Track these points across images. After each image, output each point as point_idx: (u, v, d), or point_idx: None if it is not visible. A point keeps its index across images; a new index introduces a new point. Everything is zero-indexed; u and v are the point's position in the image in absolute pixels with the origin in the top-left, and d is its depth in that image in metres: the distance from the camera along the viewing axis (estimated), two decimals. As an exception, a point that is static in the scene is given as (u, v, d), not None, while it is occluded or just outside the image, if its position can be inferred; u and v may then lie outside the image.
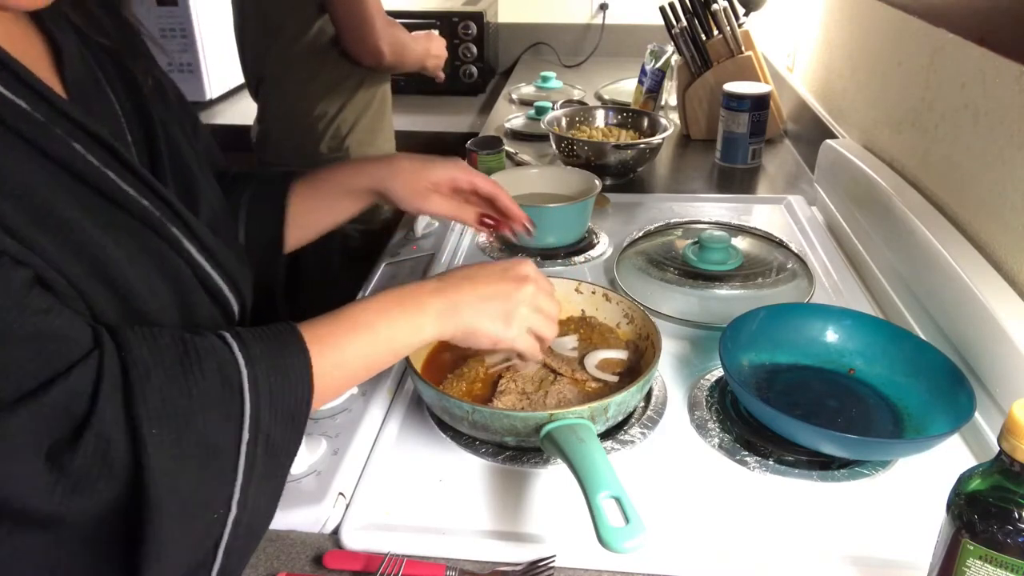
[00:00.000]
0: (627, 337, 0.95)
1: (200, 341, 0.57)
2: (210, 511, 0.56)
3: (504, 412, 0.76)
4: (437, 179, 0.87)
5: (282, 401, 0.59)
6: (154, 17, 2.11)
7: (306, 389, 0.61)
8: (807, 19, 1.81)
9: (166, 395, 0.54)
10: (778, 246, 1.22)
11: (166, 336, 0.57)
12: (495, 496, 0.77)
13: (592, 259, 1.24)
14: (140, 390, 0.53)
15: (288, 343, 0.61)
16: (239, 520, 0.57)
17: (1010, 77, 0.91)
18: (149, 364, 0.54)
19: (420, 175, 0.88)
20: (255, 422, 0.57)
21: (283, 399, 0.59)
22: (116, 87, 0.70)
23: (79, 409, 0.51)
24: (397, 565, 0.68)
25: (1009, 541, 0.52)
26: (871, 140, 1.37)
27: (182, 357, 0.56)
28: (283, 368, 0.59)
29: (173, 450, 0.53)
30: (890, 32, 1.30)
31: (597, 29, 2.64)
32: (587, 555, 0.69)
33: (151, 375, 0.54)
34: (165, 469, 0.52)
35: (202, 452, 0.55)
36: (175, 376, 0.55)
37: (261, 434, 0.57)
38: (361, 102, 1.67)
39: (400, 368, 0.95)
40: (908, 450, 0.79)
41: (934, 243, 0.97)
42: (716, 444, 0.83)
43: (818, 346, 0.93)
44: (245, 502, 0.57)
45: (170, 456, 0.53)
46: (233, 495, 0.57)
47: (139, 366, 0.54)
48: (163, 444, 0.53)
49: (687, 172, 1.69)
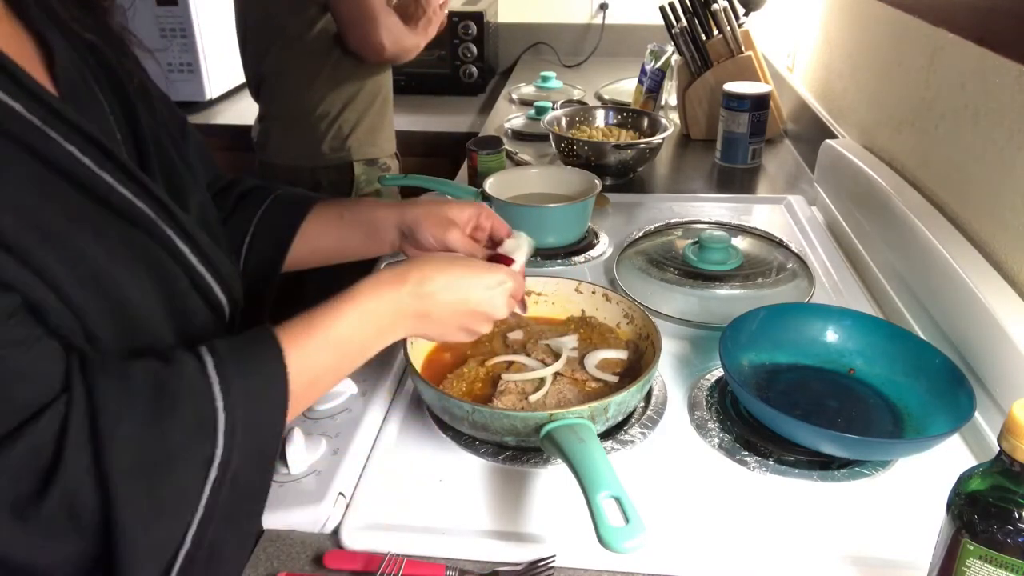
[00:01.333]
0: (627, 337, 0.95)
1: (176, 380, 0.55)
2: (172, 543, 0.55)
3: (504, 412, 0.76)
4: (460, 217, 0.88)
5: (254, 441, 0.58)
6: (154, 17, 2.11)
7: (279, 425, 0.60)
8: (807, 19, 1.81)
9: (137, 447, 0.52)
10: (778, 246, 1.22)
11: (138, 375, 0.55)
12: (495, 496, 0.77)
13: (592, 259, 1.24)
14: (109, 442, 0.51)
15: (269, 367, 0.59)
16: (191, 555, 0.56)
17: (1010, 77, 0.91)
18: (120, 413, 0.52)
19: (443, 210, 0.88)
20: (225, 464, 0.56)
21: (255, 438, 0.58)
22: (103, 85, 0.69)
23: (43, 462, 0.50)
24: (397, 565, 0.68)
25: (1009, 541, 0.52)
26: (871, 140, 1.37)
27: (155, 401, 0.54)
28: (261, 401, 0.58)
29: (144, 502, 0.52)
30: (890, 32, 1.30)
31: (597, 29, 2.64)
32: (587, 555, 0.69)
33: (121, 425, 0.52)
34: (135, 521, 0.52)
35: (173, 501, 0.54)
36: (148, 425, 0.53)
37: (229, 474, 0.56)
38: (363, 102, 1.67)
39: (400, 368, 0.95)
40: (908, 450, 0.79)
41: (934, 243, 0.97)
42: (716, 444, 0.83)
43: (818, 346, 0.93)
44: (202, 539, 0.56)
45: (140, 509, 0.52)
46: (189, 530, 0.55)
47: (108, 415, 0.52)
48: (134, 498, 0.52)
49: (687, 172, 1.69)
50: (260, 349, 0.60)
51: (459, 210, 0.88)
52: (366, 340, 0.68)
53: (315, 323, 0.65)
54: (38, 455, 0.50)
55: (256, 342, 0.61)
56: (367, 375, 0.91)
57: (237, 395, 0.56)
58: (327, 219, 0.90)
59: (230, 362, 0.57)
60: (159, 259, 0.64)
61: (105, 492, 0.51)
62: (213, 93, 2.24)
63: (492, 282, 0.75)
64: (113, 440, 0.51)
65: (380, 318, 0.68)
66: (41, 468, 0.50)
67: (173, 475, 0.53)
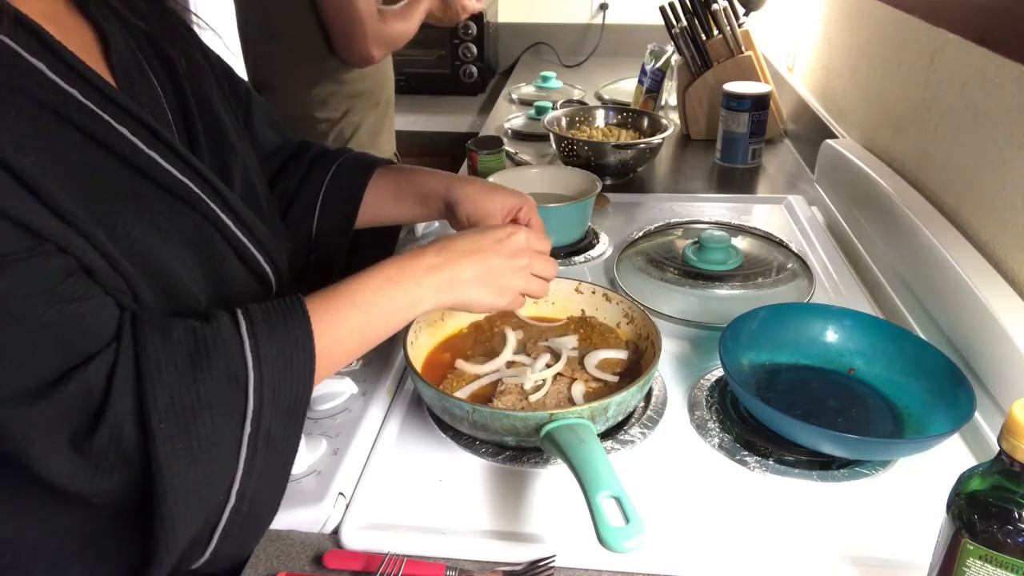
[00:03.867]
0: (627, 337, 0.95)
1: (212, 335, 0.60)
2: (212, 498, 0.61)
3: (504, 412, 0.76)
4: (503, 203, 0.91)
5: (284, 397, 0.62)
6: (154, 17, 2.11)
7: (307, 384, 0.64)
8: (807, 19, 1.81)
9: (175, 392, 0.57)
10: (778, 246, 1.22)
11: (180, 329, 0.60)
12: (495, 496, 0.77)
13: (592, 259, 1.24)
14: (151, 386, 0.56)
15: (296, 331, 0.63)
16: (237, 508, 0.62)
17: (1010, 77, 0.91)
18: (161, 361, 0.58)
19: (489, 194, 0.92)
20: (257, 418, 0.60)
21: (285, 395, 0.62)
22: (156, 68, 0.73)
23: (94, 401, 0.55)
24: (397, 565, 0.68)
25: (1009, 541, 0.52)
26: (871, 140, 1.37)
27: (192, 353, 0.59)
28: (288, 360, 0.62)
29: (180, 443, 0.57)
30: (890, 32, 1.30)
31: (597, 29, 2.64)
32: (587, 555, 0.69)
33: (162, 372, 0.57)
34: (172, 460, 0.56)
35: (206, 445, 0.58)
36: (185, 373, 0.58)
37: (262, 429, 0.61)
38: (365, 106, 1.66)
39: (400, 368, 0.95)
40: (908, 450, 0.79)
41: (934, 243, 0.97)
42: (716, 444, 0.83)
43: (818, 346, 0.93)
44: (244, 493, 0.62)
45: (177, 448, 0.57)
46: (233, 485, 0.61)
47: (151, 362, 0.57)
48: (170, 437, 0.56)
49: (687, 172, 1.69)
50: (288, 312, 0.64)
51: (502, 201, 0.91)
52: (390, 306, 0.71)
53: (340, 289, 0.70)
54: (90, 395, 0.55)
55: (285, 306, 0.65)
56: (367, 375, 0.91)
57: (266, 352, 0.61)
58: (386, 187, 0.96)
59: (260, 323, 0.62)
60: (205, 232, 0.69)
61: (145, 431, 0.56)
62: (213, 93, 2.24)
63: (502, 234, 0.79)
64: (155, 384, 0.56)
65: (402, 286, 0.72)
66: (92, 407, 0.55)
67: (207, 422, 0.58)
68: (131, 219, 0.61)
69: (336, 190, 0.95)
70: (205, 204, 0.69)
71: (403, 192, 0.96)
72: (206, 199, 0.69)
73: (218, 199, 0.70)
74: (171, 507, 0.57)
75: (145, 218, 0.63)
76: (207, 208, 0.69)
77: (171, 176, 0.66)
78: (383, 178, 0.97)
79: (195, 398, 0.57)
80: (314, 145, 1.00)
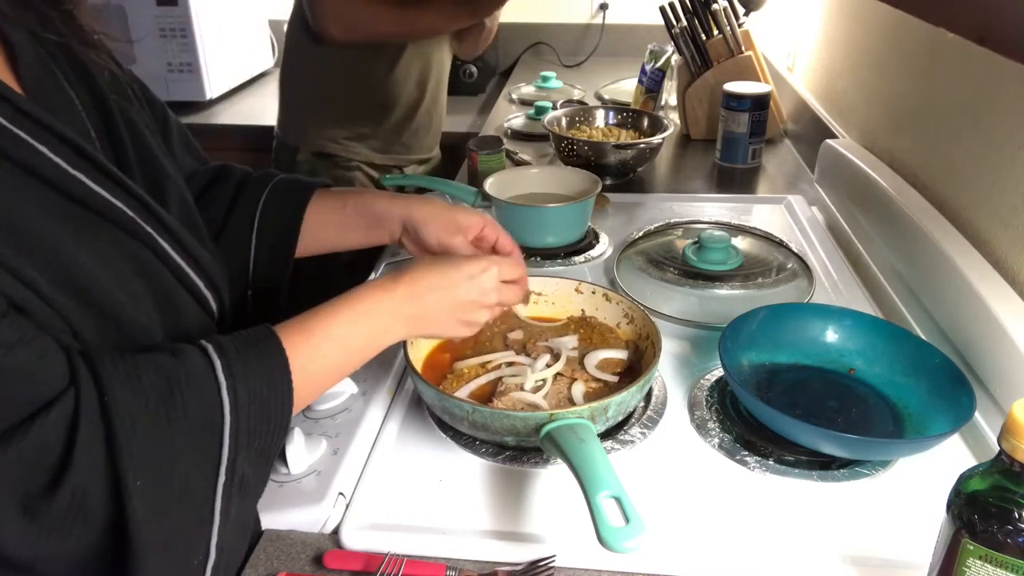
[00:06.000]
0: (627, 337, 0.95)
1: (185, 376, 0.55)
2: (192, 555, 0.56)
3: (504, 412, 0.76)
4: (468, 223, 0.88)
5: (259, 442, 0.59)
6: (153, 17, 2.11)
7: (284, 425, 0.60)
8: (807, 19, 1.81)
9: (150, 444, 0.52)
10: (778, 246, 1.22)
11: (150, 371, 0.54)
12: (495, 496, 0.77)
13: (592, 259, 1.24)
14: (126, 442, 0.51)
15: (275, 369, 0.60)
16: (218, 564, 0.57)
17: (1010, 77, 0.91)
18: (135, 413, 0.52)
19: (452, 214, 0.88)
20: (232, 465, 0.56)
21: (261, 439, 0.59)
22: (72, 81, 0.67)
23: (52, 459, 0.50)
24: (397, 565, 0.68)
25: (1009, 541, 0.52)
26: (871, 140, 1.37)
27: (166, 397, 0.54)
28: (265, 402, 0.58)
29: (155, 498, 0.52)
30: (890, 32, 1.30)
31: (597, 29, 2.64)
32: (587, 555, 0.69)
33: (136, 426, 0.52)
34: (147, 517, 0.52)
35: (182, 497, 0.54)
36: (159, 421, 0.53)
37: (236, 475, 0.57)
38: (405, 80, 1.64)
39: (400, 368, 0.95)
40: (908, 450, 0.79)
41: (934, 243, 0.97)
42: (716, 444, 0.83)
43: (818, 346, 0.93)
44: (222, 545, 0.57)
45: (151, 504, 0.52)
46: (211, 538, 0.56)
47: (124, 416, 0.52)
48: (146, 494, 0.52)
49: (687, 172, 1.69)
50: (263, 347, 0.60)
51: (467, 217, 0.88)
52: (364, 340, 0.69)
53: (314, 324, 0.66)
54: (48, 451, 0.49)
55: (258, 341, 0.61)
56: (367, 375, 0.91)
57: (243, 395, 0.57)
58: (328, 209, 0.90)
59: (237, 362, 0.58)
60: (142, 257, 0.63)
61: (118, 488, 0.51)
62: (213, 93, 2.24)
63: (475, 270, 0.76)
64: (130, 439, 0.51)
65: (377, 320, 0.70)
66: (51, 464, 0.49)
67: (181, 472, 0.54)
68: (66, 249, 0.55)
69: (272, 216, 0.87)
70: (141, 228, 0.62)
71: (348, 215, 0.89)
72: (141, 223, 0.62)
73: (155, 222, 0.64)
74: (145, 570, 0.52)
75: (84, 247, 0.56)
76: (143, 233, 0.62)
77: (100, 198, 0.59)
78: (323, 200, 0.89)
79: (169, 446, 0.53)
80: (236, 169, 0.90)
